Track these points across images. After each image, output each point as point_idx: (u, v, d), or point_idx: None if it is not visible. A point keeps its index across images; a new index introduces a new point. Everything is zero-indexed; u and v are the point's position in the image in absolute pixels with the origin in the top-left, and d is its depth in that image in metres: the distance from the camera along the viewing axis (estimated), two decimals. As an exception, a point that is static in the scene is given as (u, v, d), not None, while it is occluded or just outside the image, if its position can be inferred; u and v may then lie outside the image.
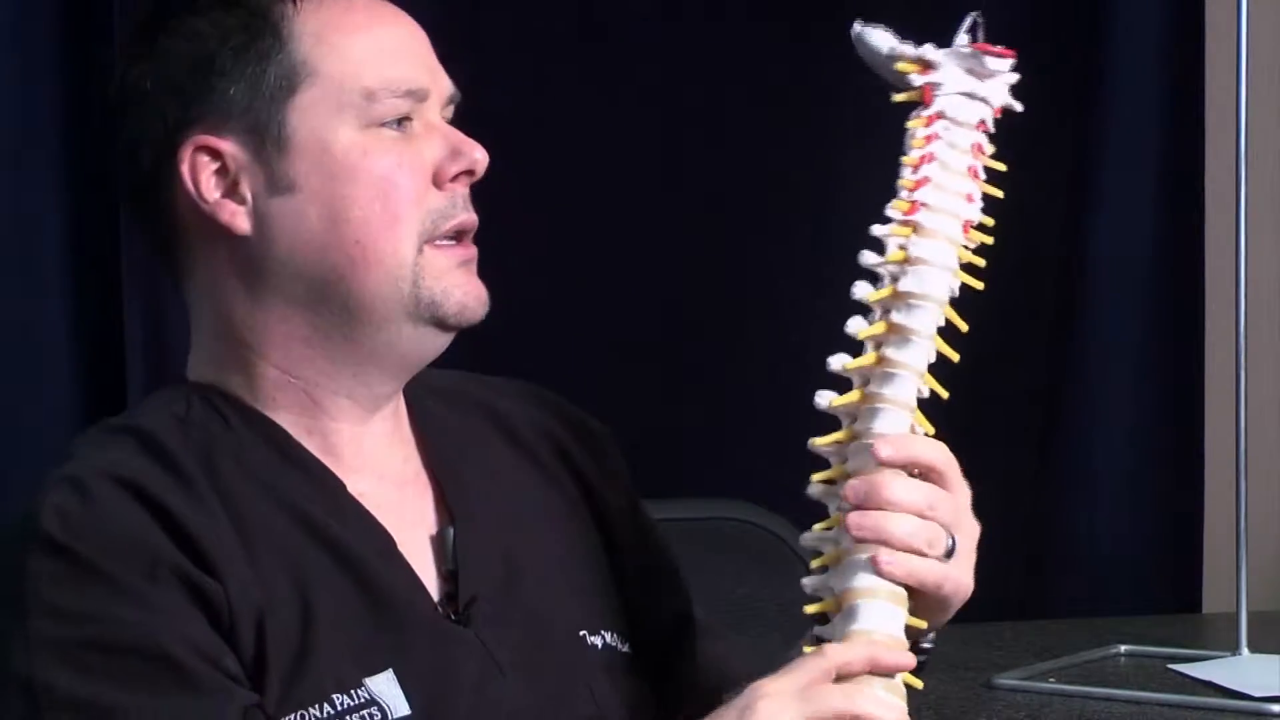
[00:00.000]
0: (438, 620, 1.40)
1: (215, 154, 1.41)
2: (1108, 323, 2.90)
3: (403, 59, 1.43)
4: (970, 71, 1.39)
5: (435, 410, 1.51)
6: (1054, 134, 2.89)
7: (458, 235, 1.43)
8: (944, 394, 1.35)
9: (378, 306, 1.40)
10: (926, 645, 1.41)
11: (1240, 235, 2.30)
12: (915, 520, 1.30)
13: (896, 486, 1.31)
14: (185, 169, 1.41)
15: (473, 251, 1.45)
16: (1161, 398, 2.92)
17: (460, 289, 1.42)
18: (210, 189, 1.41)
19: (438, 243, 1.42)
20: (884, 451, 1.31)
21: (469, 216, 1.44)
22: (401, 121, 1.42)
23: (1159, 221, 2.90)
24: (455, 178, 1.43)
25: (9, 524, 1.36)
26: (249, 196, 1.41)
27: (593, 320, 2.76)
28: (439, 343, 1.44)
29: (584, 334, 2.75)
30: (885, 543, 1.30)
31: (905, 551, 1.30)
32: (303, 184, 1.40)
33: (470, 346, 1.49)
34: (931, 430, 1.34)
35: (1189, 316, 2.90)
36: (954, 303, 1.36)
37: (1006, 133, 1.37)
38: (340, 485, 1.41)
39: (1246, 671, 2.21)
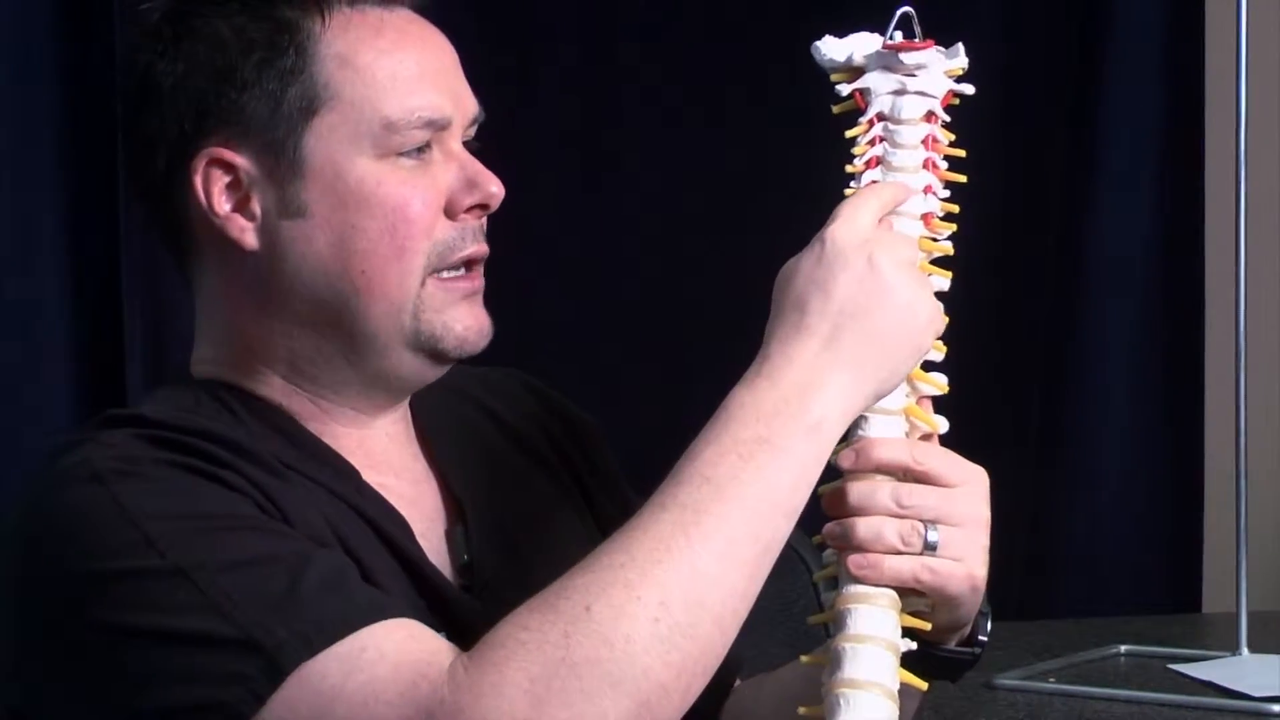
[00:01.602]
0: (469, 601, 1.40)
1: (229, 167, 1.39)
2: (1108, 323, 2.91)
3: (427, 86, 1.40)
4: (893, 69, 1.37)
5: (431, 403, 1.51)
6: (1054, 134, 2.89)
7: (465, 265, 1.42)
8: (945, 390, 1.34)
9: (379, 336, 1.40)
10: (982, 638, 1.41)
11: (1240, 235, 2.30)
12: (881, 519, 1.30)
13: (857, 492, 1.31)
14: (198, 179, 1.39)
15: (478, 283, 1.42)
16: (1161, 398, 2.92)
17: (460, 323, 1.41)
18: (221, 202, 1.39)
19: (443, 274, 1.40)
20: (844, 462, 1.31)
21: (478, 249, 1.42)
22: (420, 150, 1.40)
23: (1159, 221, 2.91)
24: (469, 209, 1.41)
25: (32, 486, 1.34)
26: (259, 214, 1.39)
27: (593, 319, 2.76)
28: (439, 371, 1.43)
29: (584, 333, 2.75)
30: (857, 547, 1.30)
31: (879, 552, 1.30)
32: (314, 209, 1.38)
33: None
34: (937, 426, 1.34)
35: (1189, 316, 2.90)
36: (951, 298, 1.35)
37: (1007, 133, 1.36)
38: (355, 472, 1.41)
39: (1246, 671, 2.21)
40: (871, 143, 1.36)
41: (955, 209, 1.36)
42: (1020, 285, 2.90)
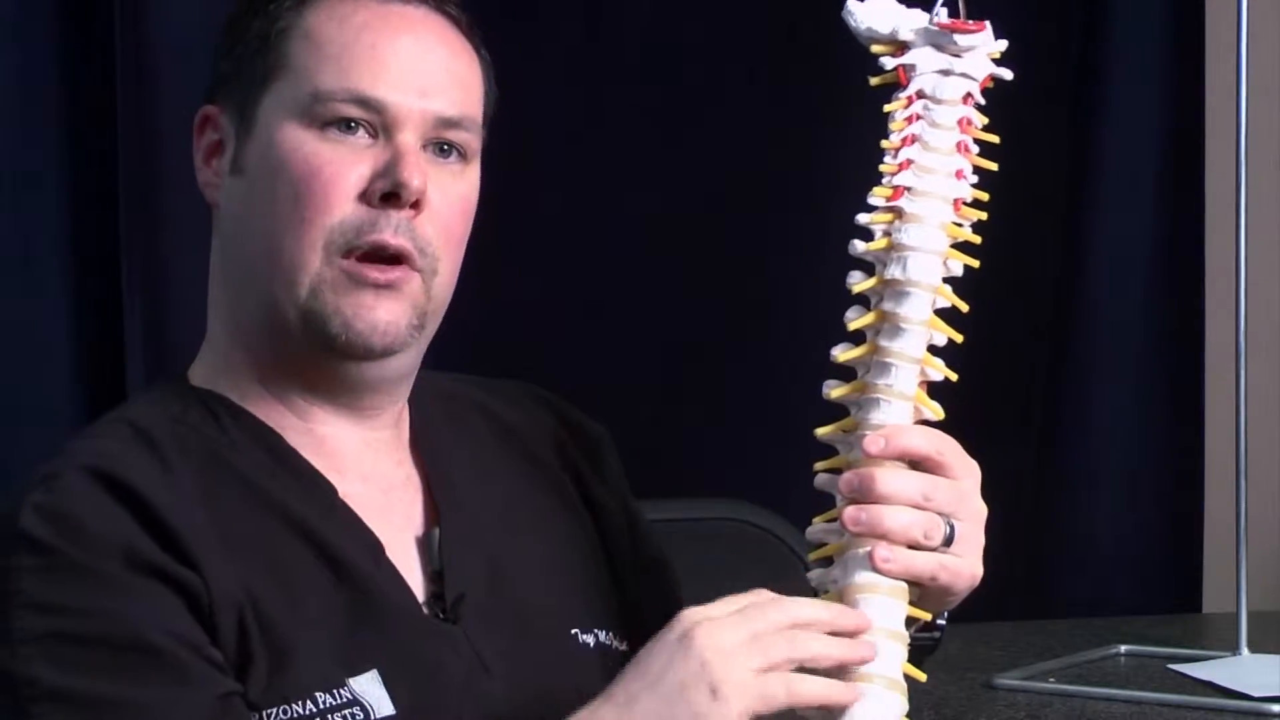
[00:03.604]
0: (424, 620, 1.39)
1: (217, 126, 1.44)
2: (1108, 323, 2.90)
3: (374, 67, 1.40)
4: (943, 49, 1.37)
5: (434, 413, 1.50)
6: (1054, 134, 2.89)
7: (376, 257, 1.38)
8: (953, 376, 1.34)
9: (280, 314, 1.39)
10: (941, 622, 1.40)
11: (1240, 235, 2.30)
12: (911, 512, 1.29)
13: (889, 480, 1.30)
14: (196, 133, 1.44)
15: (391, 276, 1.38)
16: (1161, 397, 2.92)
17: (351, 310, 1.38)
18: (205, 156, 1.45)
19: (353, 260, 1.38)
20: (872, 447, 1.30)
21: (385, 239, 1.38)
22: (352, 126, 1.39)
23: (1159, 221, 2.91)
24: (386, 198, 1.38)
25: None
26: (223, 172, 1.43)
27: (593, 321, 2.76)
28: (348, 367, 1.41)
29: (584, 334, 2.75)
30: (882, 537, 1.29)
31: (903, 544, 1.29)
32: (250, 168, 1.41)
33: (471, 346, 1.49)
34: (940, 414, 1.34)
35: (1189, 316, 2.90)
36: (956, 288, 1.35)
37: (1006, 133, 1.36)
38: (331, 490, 1.40)
39: (1246, 671, 2.20)
40: (909, 120, 1.36)
41: (985, 196, 1.35)
42: (1021, 285, 2.90)
